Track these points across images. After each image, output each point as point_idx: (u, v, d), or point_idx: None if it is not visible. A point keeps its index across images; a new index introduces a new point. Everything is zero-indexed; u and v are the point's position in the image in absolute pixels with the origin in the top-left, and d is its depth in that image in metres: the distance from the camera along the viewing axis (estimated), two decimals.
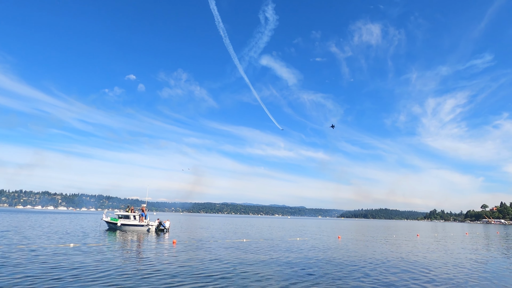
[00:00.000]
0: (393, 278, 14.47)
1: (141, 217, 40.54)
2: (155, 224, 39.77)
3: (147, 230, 39.13)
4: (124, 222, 39.82)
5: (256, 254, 21.56)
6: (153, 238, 31.16)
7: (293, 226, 73.62)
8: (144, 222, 39.87)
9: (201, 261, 17.66)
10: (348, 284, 13.02)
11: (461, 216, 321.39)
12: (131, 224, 39.75)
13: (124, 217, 40.66)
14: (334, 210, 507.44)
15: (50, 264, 15.34)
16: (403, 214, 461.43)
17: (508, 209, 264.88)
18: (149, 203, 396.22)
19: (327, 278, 14.11)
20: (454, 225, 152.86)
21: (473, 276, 15.75)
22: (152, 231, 38.80)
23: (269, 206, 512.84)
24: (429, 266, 18.39)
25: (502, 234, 67.11)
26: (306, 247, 26.86)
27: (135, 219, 40.34)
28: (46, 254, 18.51)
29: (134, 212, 41.48)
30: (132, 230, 39.04)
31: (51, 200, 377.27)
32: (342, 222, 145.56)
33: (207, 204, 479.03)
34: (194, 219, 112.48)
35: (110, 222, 40.76)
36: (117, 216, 41.12)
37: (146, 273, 13.86)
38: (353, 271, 15.92)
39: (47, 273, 13.28)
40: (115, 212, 43.98)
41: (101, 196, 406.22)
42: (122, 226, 39.58)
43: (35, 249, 20.48)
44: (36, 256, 17.45)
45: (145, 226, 39.46)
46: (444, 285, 13.29)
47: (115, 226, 39.91)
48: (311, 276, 14.34)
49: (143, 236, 33.20)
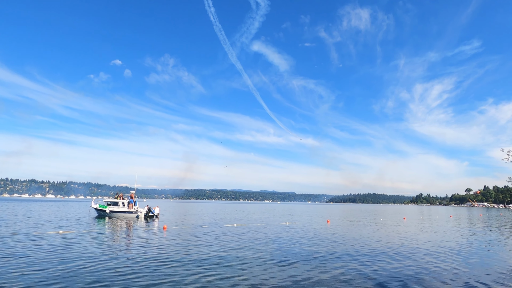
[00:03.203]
0: (378, 259, 14.74)
1: (130, 204, 40.31)
2: (144, 211, 39.65)
3: (136, 216, 39.00)
4: (112, 209, 39.56)
5: (247, 238, 21.70)
6: (142, 224, 31.05)
7: (283, 211, 74.47)
8: (133, 209, 39.70)
9: (193, 246, 17.68)
10: (336, 264, 13.22)
11: (446, 200, 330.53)
12: (120, 211, 39.51)
13: (112, 204, 40.37)
14: (323, 195, 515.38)
15: (38, 250, 15.11)
16: (391, 198, 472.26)
17: (491, 192, 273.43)
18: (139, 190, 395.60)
19: (316, 260, 14.28)
20: (439, 209, 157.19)
21: (455, 254, 16.18)
22: (141, 218, 38.69)
23: (259, 192, 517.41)
24: (414, 247, 18.82)
25: (485, 216, 69.29)
26: (296, 231, 27.19)
27: (124, 206, 40.09)
28: (34, 241, 18.22)
29: (123, 199, 41.20)
30: (121, 217, 38.85)
31: (38, 188, 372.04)
32: (331, 207, 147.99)
33: (197, 191, 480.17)
34: (184, 206, 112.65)
35: (99, 209, 40.45)
36: (106, 203, 40.82)
37: (138, 258, 13.78)
38: (340, 253, 16.17)
39: (35, 259, 13.07)
40: (104, 199, 43.62)
41: (90, 184, 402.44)
42: (111, 213, 39.34)
43: (23, 236, 20.15)
44: (23, 243, 17.16)
45: (134, 212, 39.31)
46: (427, 265, 13.61)
47: (104, 213, 39.65)
48: (301, 259, 14.49)
49: (132, 222, 33.06)
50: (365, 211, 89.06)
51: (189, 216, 47.09)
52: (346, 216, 57.27)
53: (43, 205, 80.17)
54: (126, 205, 40.19)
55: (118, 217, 38.71)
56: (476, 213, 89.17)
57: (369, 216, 58.61)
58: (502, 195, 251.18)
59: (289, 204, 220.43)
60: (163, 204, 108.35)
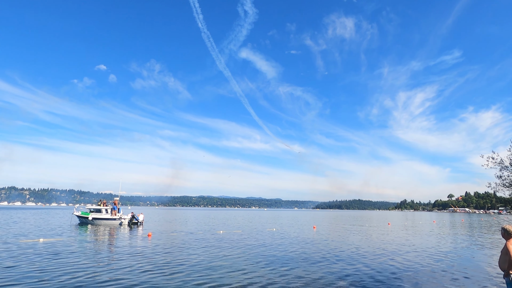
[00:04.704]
0: (362, 262, 14.85)
1: (113, 210, 39.47)
2: (128, 218, 38.90)
3: (119, 224, 38.22)
4: (95, 216, 38.62)
5: (233, 244, 21.51)
6: (126, 231, 30.40)
7: (269, 218, 74.30)
8: (117, 216, 38.90)
9: (178, 252, 17.39)
10: (322, 268, 13.23)
11: (429, 206, 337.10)
12: (103, 218, 38.62)
13: (95, 211, 39.44)
14: (310, 202, 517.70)
15: (17, 259, 14.54)
16: (376, 204, 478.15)
17: (472, 198, 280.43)
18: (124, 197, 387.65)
19: (302, 264, 14.26)
20: (422, 214, 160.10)
21: (437, 257, 16.46)
22: (125, 225, 37.92)
23: (245, 198, 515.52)
24: (398, 251, 19.04)
25: (467, 221, 70.94)
26: (283, 237, 27.12)
27: (107, 213, 39.23)
28: (12, 249, 17.55)
29: (106, 206, 40.31)
30: (104, 224, 37.97)
31: (18, 195, 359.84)
32: (317, 213, 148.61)
33: (183, 198, 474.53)
34: (170, 213, 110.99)
35: (81, 216, 39.43)
36: (89, 210, 39.85)
37: (121, 265, 13.44)
38: (326, 257, 16.20)
39: (14, 267, 12.57)
40: (87, 206, 42.64)
41: (72, 191, 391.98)
42: (93, 220, 38.39)
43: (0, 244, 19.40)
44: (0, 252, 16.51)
45: (118, 219, 38.51)
46: (410, 268, 13.79)
47: (87, 220, 38.66)
48: (287, 263, 14.44)
49: (115, 229, 32.33)
50: (350, 217, 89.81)
51: (174, 223, 46.40)
52: (332, 222, 57.59)
53: (23, 213, 77.52)
54: (109, 212, 39.34)
55: (101, 224, 37.80)
56: (458, 219, 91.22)
57: (354, 222, 59.11)
58: (483, 201, 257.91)
59: (276, 211, 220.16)
60: (148, 211, 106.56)
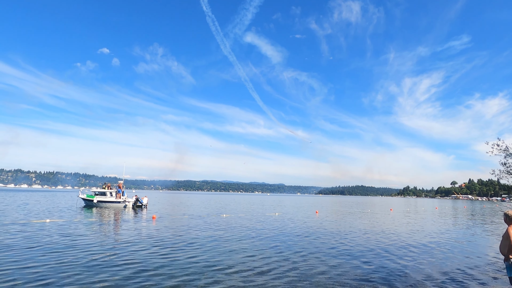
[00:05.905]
0: (364, 246, 14.96)
1: (117, 193, 39.94)
2: (132, 201, 39.41)
3: (123, 206, 38.74)
4: (100, 199, 39.16)
5: (235, 228, 21.74)
6: (130, 214, 30.82)
7: (272, 202, 74.93)
8: (121, 199, 39.39)
9: (182, 235, 17.63)
10: (323, 251, 13.35)
11: (432, 192, 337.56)
12: (107, 201, 39.16)
13: (100, 194, 39.96)
14: (312, 187, 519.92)
15: (24, 237, 14.83)
16: (378, 190, 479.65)
17: (475, 185, 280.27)
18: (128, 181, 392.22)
19: (304, 249, 14.40)
20: (425, 201, 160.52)
21: (439, 243, 16.54)
22: (129, 208, 38.44)
23: (248, 183, 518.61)
24: (399, 237, 19.15)
25: (469, 208, 71.05)
26: (285, 221, 27.36)
27: (112, 196, 39.72)
28: (20, 229, 17.88)
29: (111, 189, 40.79)
30: (109, 207, 38.52)
31: (24, 178, 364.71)
32: (320, 198, 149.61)
33: (187, 182, 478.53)
34: (173, 196, 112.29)
35: (86, 199, 40.01)
36: (93, 193, 40.38)
37: (128, 245, 13.65)
38: (328, 241, 16.34)
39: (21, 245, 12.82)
40: (92, 189, 43.13)
41: (78, 174, 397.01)
42: (98, 203, 38.95)
43: (8, 224, 19.75)
44: (8, 231, 16.81)
45: (122, 202, 39.03)
46: (412, 253, 13.87)
47: (91, 203, 39.22)
48: (289, 247, 14.59)
49: (119, 212, 32.78)
50: (353, 203, 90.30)
51: (178, 206, 46.95)
52: (334, 207, 57.97)
53: (30, 195, 78.81)
54: (114, 195, 39.82)
55: (105, 207, 38.35)
56: (461, 206, 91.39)
57: (356, 208, 59.45)
58: (486, 188, 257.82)
59: (279, 196, 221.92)
60: (152, 195, 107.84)
